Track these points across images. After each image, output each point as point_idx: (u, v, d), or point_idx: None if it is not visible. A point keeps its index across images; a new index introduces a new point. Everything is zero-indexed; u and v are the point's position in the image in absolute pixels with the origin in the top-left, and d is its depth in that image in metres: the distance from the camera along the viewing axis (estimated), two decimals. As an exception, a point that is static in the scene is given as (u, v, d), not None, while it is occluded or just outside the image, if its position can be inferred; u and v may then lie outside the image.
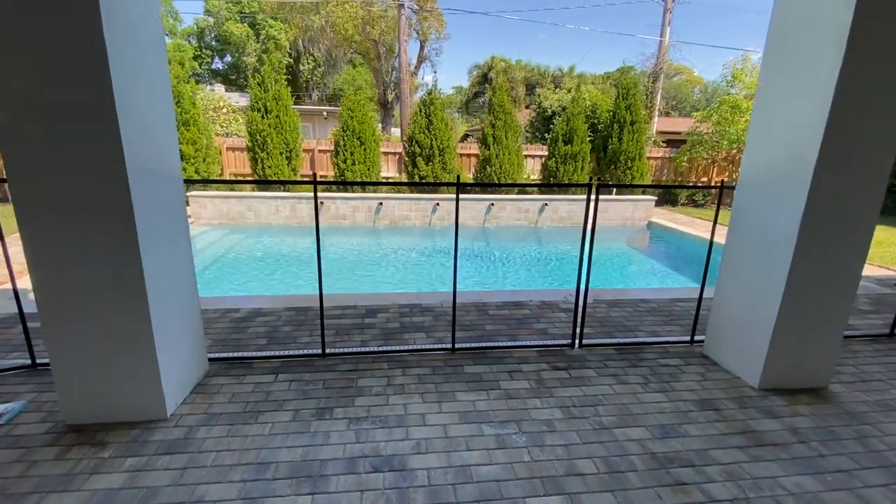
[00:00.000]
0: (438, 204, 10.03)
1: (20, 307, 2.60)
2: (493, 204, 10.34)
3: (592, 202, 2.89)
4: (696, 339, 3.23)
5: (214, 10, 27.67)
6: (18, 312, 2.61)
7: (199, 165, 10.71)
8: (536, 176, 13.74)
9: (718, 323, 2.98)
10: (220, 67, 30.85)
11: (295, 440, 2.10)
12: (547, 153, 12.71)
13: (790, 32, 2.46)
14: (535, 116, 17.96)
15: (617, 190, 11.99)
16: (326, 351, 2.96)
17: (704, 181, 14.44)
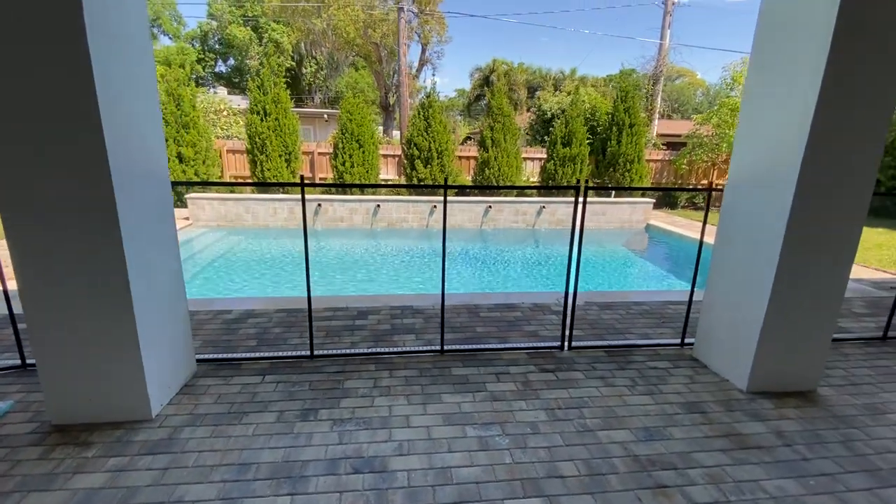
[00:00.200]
0: (436, 206, 10.05)
1: (10, 308, 2.62)
2: (490, 206, 10.35)
3: (581, 204, 2.90)
4: (686, 341, 3.22)
5: (217, 13, 27.90)
6: (9, 313, 2.63)
7: (198, 167, 10.78)
8: (535, 178, 13.74)
9: (708, 325, 2.97)
10: (223, 70, 31.08)
11: (278, 441, 2.11)
12: (546, 156, 12.73)
13: (775, 33, 2.46)
14: (535, 119, 18.00)
15: (615, 193, 11.98)
16: (315, 352, 2.96)
17: (705, 184, 14.41)
